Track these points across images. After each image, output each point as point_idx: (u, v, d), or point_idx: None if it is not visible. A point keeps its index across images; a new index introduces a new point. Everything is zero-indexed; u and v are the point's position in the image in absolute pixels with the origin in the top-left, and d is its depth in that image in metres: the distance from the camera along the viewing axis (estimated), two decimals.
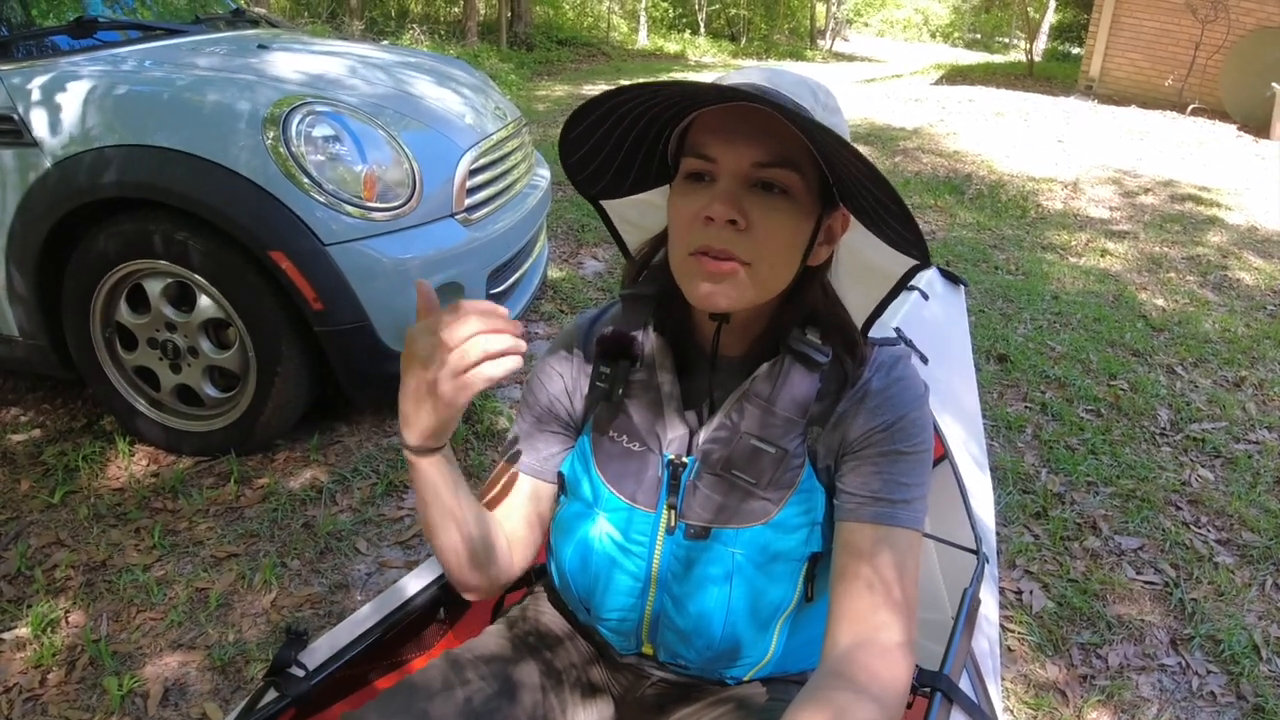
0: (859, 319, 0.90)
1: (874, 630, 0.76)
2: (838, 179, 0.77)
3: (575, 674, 0.99)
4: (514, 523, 0.95)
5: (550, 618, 1.04)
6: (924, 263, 0.80)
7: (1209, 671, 1.81)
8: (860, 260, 0.87)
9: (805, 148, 0.76)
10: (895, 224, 0.76)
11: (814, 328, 0.85)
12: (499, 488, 0.96)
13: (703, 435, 0.86)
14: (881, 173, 0.69)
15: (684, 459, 0.86)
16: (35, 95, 2.03)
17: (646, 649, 0.93)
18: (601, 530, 0.89)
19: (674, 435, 0.87)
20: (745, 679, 0.93)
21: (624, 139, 0.82)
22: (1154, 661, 1.83)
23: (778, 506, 0.84)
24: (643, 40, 16.74)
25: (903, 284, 0.85)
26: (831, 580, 0.82)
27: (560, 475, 0.95)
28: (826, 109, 0.79)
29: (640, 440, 0.88)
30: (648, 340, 0.89)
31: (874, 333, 0.93)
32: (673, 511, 0.87)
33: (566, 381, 0.95)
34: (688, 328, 0.90)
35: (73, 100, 2.02)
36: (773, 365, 0.84)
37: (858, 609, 0.78)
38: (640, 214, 0.94)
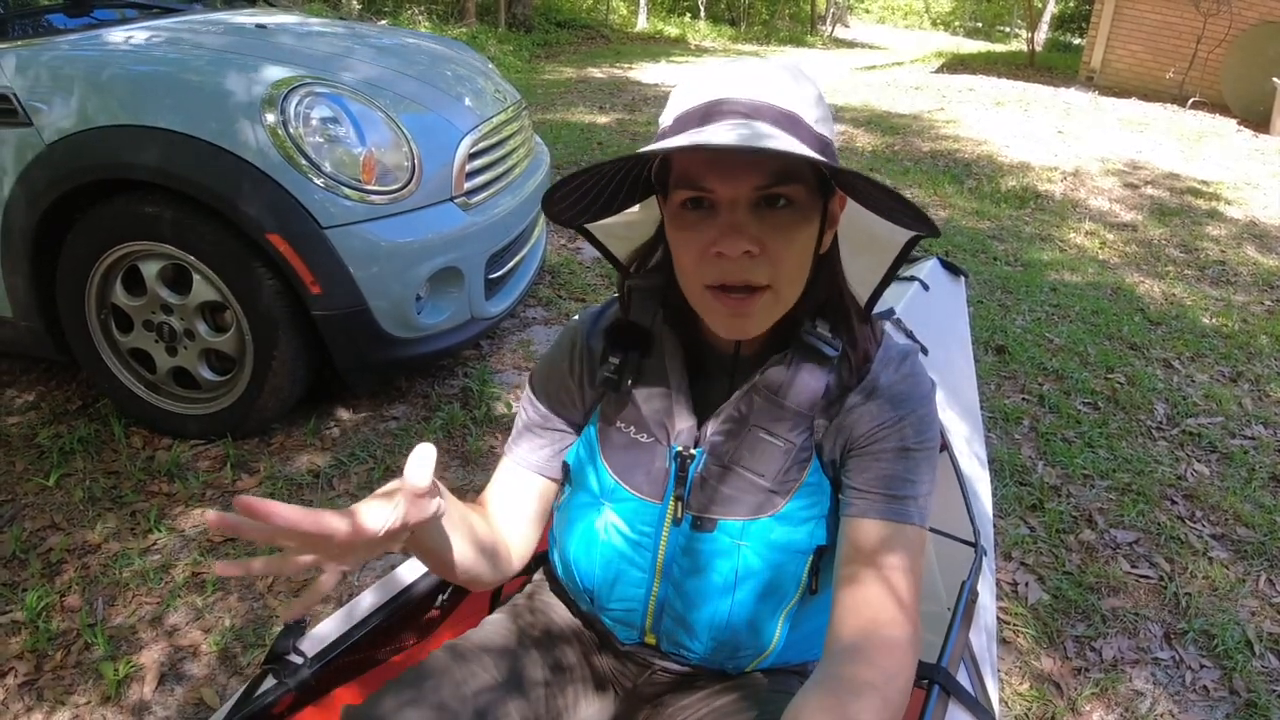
0: (864, 291, 0.89)
1: (878, 625, 0.76)
2: (834, 174, 0.76)
3: (578, 664, 0.99)
4: (518, 521, 0.95)
5: (552, 606, 1.04)
6: (931, 232, 0.77)
7: (1202, 666, 1.82)
8: (863, 230, 0.85)
9: None
10: (900, 214, 0.76)
11: (824, 320, 0.84)
12: (503, 486, 0.96)
13: (710, 427, 0.86)
14: (882, 183, 0.68)
15: (692, 451, 0.86)
16: (31, 74, 2.00)
17: (649, 639, 0.93)
18: (607, 521, 0.89)
19: (682, 427, 0.86)
20: (747, 669, 0.93)
21: (609, 179, 0.79)
22: (1148, 655, 1.84)
23: (784, 499, 0.84)
24: (642, 23, 16.60)
25: (908, 250, 0.83)
26: (836, 574, 0.81)
27: (565, 465, 0.95)
28: (818, 105, 0.76)
29: (648, 431, 0.87)
30: (656, 331, 0.88)
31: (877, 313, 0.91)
32: (679, 503, 0.86)
33: (572, 377, 0.94)
34: (696, 322, 0.89)
35: (69, 80, 1.99)
36: (783, 359, 0.84)
37: (862, 603, 0.77)
38: (628, 229, 0.92)
